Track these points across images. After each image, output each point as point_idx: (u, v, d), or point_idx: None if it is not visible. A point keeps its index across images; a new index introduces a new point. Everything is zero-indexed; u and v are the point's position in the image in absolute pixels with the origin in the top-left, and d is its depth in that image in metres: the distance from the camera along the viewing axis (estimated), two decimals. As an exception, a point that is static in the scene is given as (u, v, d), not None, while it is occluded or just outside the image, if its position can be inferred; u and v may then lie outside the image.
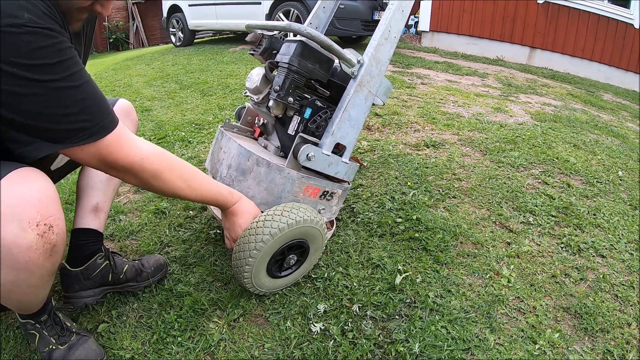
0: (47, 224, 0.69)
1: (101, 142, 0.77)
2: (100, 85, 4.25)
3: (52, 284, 0.85)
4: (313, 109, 1.22)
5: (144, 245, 1.40)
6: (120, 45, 11.92)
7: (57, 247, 0.73)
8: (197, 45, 6.69)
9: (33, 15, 0.66)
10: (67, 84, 0.70)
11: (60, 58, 0.69)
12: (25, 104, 0.67)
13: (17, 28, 0.63)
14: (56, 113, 0.70)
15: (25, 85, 0.65)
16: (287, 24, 1.08)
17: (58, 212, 0.72)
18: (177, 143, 2.30)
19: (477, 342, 1.04)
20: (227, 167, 1.18)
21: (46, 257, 0.71)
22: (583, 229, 1.59)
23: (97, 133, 0.76)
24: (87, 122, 0.74)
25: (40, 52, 0.66)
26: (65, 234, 0.75)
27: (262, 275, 1.08)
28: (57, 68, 0.68)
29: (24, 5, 0.65)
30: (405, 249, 1.39)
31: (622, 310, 1.21)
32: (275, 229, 1.00)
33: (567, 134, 2.71)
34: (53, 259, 0.73)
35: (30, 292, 0.79)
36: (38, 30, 0.66)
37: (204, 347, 1.02)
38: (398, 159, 2.07)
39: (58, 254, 0.74)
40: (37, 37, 0.65)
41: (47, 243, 0.70)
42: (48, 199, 0.71)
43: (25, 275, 0.72)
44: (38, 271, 0.72)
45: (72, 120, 0.72)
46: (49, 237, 0.70)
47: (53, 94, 0.68)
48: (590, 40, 5.86)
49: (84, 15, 0.80)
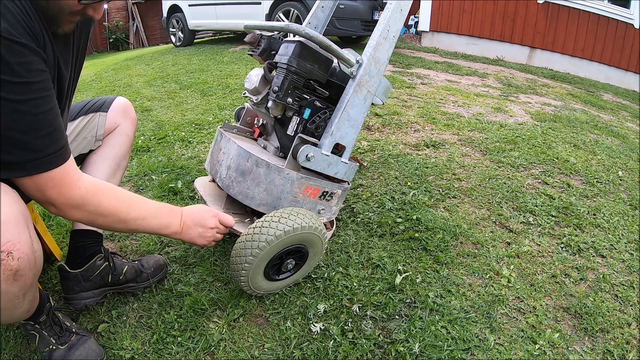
0: (5, 250, 0.66)
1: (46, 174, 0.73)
2: (100, 85, 4.25)
3: (31, 297, 0.82)
4: (312, 109, 1.22)
5: (144, 246, 1.40)
6: (120, 45, 11.92)
7: (22, 270, 0.69)
8: (197, 45, 6.69)
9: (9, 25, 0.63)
10: (27, 109, 0.67)
11: (27, 79, 0.66)
12: None
13: None
14: (9, 136, 0.66)
15: None
16: (285, 24, 1.08)
17: (17, 235, 0.68)
18: (177, 143, 2.30)
19: (477, 342, 1.04)
20: (226, 168, 1.18)
21: (9, 283, 0.69)
22: (583, 229, 1.59)
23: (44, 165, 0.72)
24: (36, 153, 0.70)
25: (6, 67, 0.62)
26: (34, 254, 0.72)
27: (260, 278, 1.08)
28: (21, 88, 0.65)
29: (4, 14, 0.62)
30: (405, 249, 1.39)
31: (622, 310, 1.21)
32: (272, 236, 0.99)
33: (567, 134, 2.71)
34: (19, 283, 0.71)
35: (7, 312, 0.77)
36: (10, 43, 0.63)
37: (204, 347, 1.02)
38: (398, 159, 2.07)
39: (24, 277, 0.71)
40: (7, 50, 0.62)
41: (7, 270, 0.67)
42: (4, 223, 0.67)
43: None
44: (4, 297, 0.70)
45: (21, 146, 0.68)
46: (8, 263, 0.67)
47: (10, 115, 0.65)
48: (590, 40, 5.86)
49: (76, 18, 0.78)
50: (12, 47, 0.63)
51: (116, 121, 1.18)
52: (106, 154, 1.17)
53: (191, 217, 0.99)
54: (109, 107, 1.17)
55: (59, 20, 0.75)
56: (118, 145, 1.18)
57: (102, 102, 1.18)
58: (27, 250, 0.70)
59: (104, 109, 1.16)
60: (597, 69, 5.92)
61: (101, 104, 1.17)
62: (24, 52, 0.65)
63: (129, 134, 1.21)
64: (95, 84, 4.40)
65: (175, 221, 0.96)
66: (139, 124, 2.61)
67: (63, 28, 0.77)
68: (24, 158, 0.70)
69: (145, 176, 1.90)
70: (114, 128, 1.18)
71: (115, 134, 1.18)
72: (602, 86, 5.43)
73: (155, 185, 1.80)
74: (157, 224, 0.93)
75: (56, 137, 0.73)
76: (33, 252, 0.72)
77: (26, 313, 0.87)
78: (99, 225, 0.87)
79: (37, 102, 0.68)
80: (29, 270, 0.71)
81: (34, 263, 0.72)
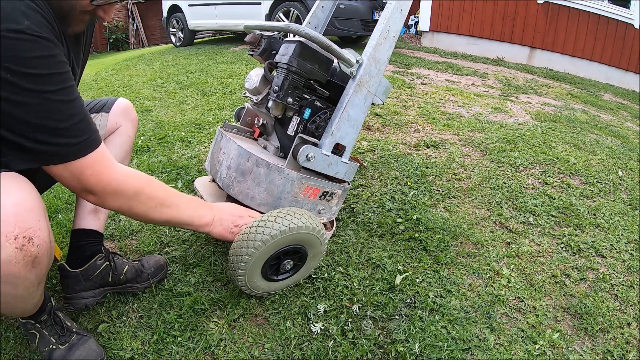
0: (27, 236, 0.68)
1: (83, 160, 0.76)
2: (100, 85, 4.25)
3: (42, 290, 0.84)
4: (312, 109, 1.22)
5: (144, 246, 1.40)
6: (120, 45, 11.93)
7: (40, 258, 0.71)
8: (197, 45, 6.69)
9: (32, 23, 0.65)
10: (59, 97, 0.70)
11: (56, 70, 0.69)
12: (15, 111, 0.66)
13: (16, 34, 0.63)
14: (44, 125, 0.69)
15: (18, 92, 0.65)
16: (285, 24, 1.08)
17: (38, 222, 0.71)
18: (177, 143, 2.30)
19: (477, 342, 1.04)
20: (226, 168, 1.18)
21: (28, 269, 0.70)
22: (583, 229, 1.59)
23: (80, 151, 0.75)
24: (72, 139, 0.73)
25: (37, 61, 0.65)
26: (50, 243, 0.74)
27: (257, 278, 1.08)
28: (52, 79, 0.68)
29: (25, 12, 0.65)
30: (405, 249, 1.39)
31: (622, 310, 1.21)
32: (267, 235, 0.99)
33: (567, 134, 2.71)
34: (36, 270, 0.72)
35: (19, 302, 0.78)
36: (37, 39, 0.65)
37: (204, 347, 1.02)
38: (398, 159, 2.07)
39: (41, 264, 0.73)
40: (35, 45, 0.65)
41: (27, 256, 0.69)
42: (26, 211, 0.69)
43: (9, 288, 0.71)
44: (21, 283, 0.72)
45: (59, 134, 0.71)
46: (29, 249, 0.69)
47: (44, 104, 0.68)
48: (590, 40, 5.86)
49: (87, 18, 0.80)
50: (39, 42, 0.66)
51: (117, 122, 1.18)
52: None
53: (222, 212, 1.04)
54: (111, 108, 1.18)
55: (70, 19, 0.77)
56: (119, 146, 1.18)
57: (103, 103, 1.18)
58: (45, 238, 0.72)
59: (105, 109, 1.17)
60: (597, 69, 5.92)
61: (102, 105, 1.18)
62: (50, 45, 0.68)
63: (130, 134, 1.21)
64: (95, 84, 4.40)
65: (208, 213, 1.00)
66: (139, 124, 2.60)
67: (73, 28, 0.80)
68: (63, 145, 0.72)
69: (145, 176, 1.90)
70: (115, 129, 1.19)
71: (116, 135, 1.19)
72: (602, 86, 5.43)
73: (156, 185, 1.80)
74: (190, 214, 0.96)
75: (89, 122, 0.77)
76: (50, 241, 0.74)
77: (35, 306, 0.89)
78: (135, 214, 0.88)
79: (67, 90, 0.71)
80: (46, 258, 0.73)
81: (50, 252, 0.75)
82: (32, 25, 0.65)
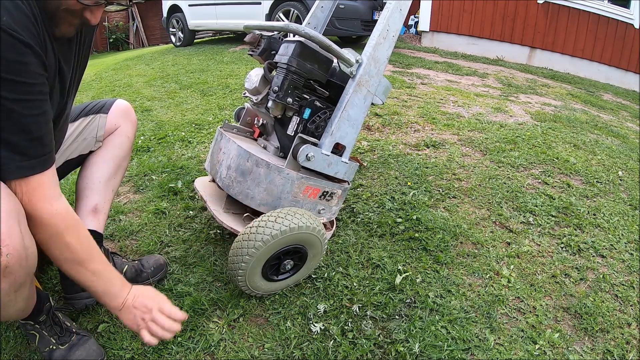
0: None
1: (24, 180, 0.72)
2: (100, 85, 4.25)
3: (27, 294, 0.81)
4: (312, 109, 1.22)
5: (144, 245, 1.40)
6: (120, 45, 11.92)
7: (10, 267, 0.68)
8: (197, 45, 6.69)
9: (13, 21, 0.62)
10: (15, 107, 0.66)
11: (23, 79, 0.65)
12: None
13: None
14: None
15: None
16: (285, 24, 1.08)
17: (7, 230, 0.67)
18: (177, 143, 2.30)
19: (477, 342, 1.04)
20: (226, 168, 1.18)
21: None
22: (583, 229, 1.59)
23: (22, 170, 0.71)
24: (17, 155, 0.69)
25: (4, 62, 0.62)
26: (25, 249, 0.70)
27: (257, 278, 1.08)
28: (14, 87, 0.64)
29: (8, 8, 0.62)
30: (405, 249, 1.39)
31: (622, 310, 1.21)
32: (268, 235, 0.99)
33: (567, 134, 2.71)
34: (9, 279, 0.69)
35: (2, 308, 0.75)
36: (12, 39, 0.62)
37: (204, 347, 1.02)
38: (398, 159, 2.07)
39: (13, 273, 0.69)
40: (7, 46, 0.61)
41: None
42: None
43: None
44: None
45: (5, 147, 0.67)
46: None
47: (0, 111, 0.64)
48: (590, 40, 5.86)
49: (75, 21, 0.77)
50: (14, 44, 0.63)
51: (116, 123, 1.18)
52: (107, 154, 1.17)
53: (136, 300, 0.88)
54: (110, 109, 1.18)
55: (57, 19, 0.74)
56: (118, 146, 1.18)
57: (102, 104, 1.18)
58: (17, 246, 0.68)
59: (104, 110, 1.17)
60: (597, 69, 5.92)
61: (102, 105, 1.18)
62: (25, 52, 0.65)
63: (129, 135, 1.21)
64: (95, 84, 4.40)
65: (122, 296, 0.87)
66: (139, 124, 2.61)
67: (61, 29, 0.76)
68: (9, 159, 0.68)
69: (145, 176, 1.90)
70: (114, 129, 1.18)
71: (115, 135, 1.18)
72: (602, 86, 5.43)
73: (155, 185, 1.80)
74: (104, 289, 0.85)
75: (44, 143, 0.72)
76: (24, 249, 0.70)
77: (22, 312, 0.86)
78: (50, 255, 0.80)
79: (29, 103, 0.68)
80: (19, 267, 0.70)
81: (24, 260, 0.70)
82: (12, 23, 0.62)
